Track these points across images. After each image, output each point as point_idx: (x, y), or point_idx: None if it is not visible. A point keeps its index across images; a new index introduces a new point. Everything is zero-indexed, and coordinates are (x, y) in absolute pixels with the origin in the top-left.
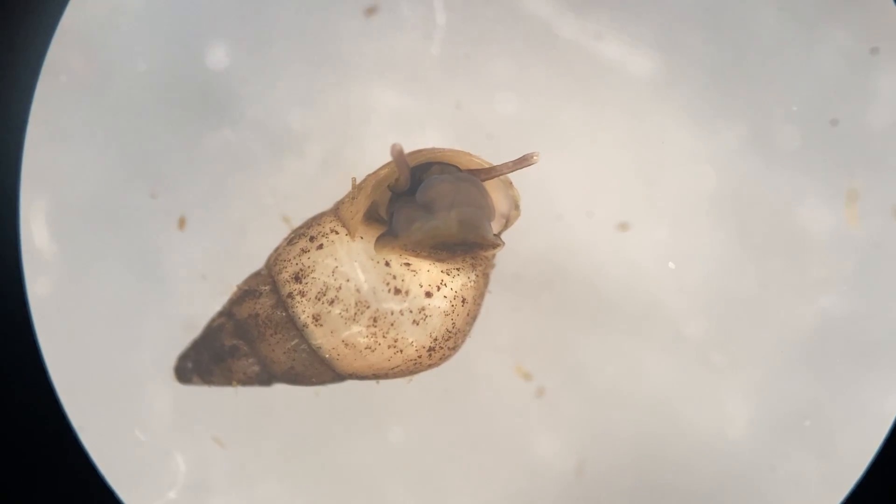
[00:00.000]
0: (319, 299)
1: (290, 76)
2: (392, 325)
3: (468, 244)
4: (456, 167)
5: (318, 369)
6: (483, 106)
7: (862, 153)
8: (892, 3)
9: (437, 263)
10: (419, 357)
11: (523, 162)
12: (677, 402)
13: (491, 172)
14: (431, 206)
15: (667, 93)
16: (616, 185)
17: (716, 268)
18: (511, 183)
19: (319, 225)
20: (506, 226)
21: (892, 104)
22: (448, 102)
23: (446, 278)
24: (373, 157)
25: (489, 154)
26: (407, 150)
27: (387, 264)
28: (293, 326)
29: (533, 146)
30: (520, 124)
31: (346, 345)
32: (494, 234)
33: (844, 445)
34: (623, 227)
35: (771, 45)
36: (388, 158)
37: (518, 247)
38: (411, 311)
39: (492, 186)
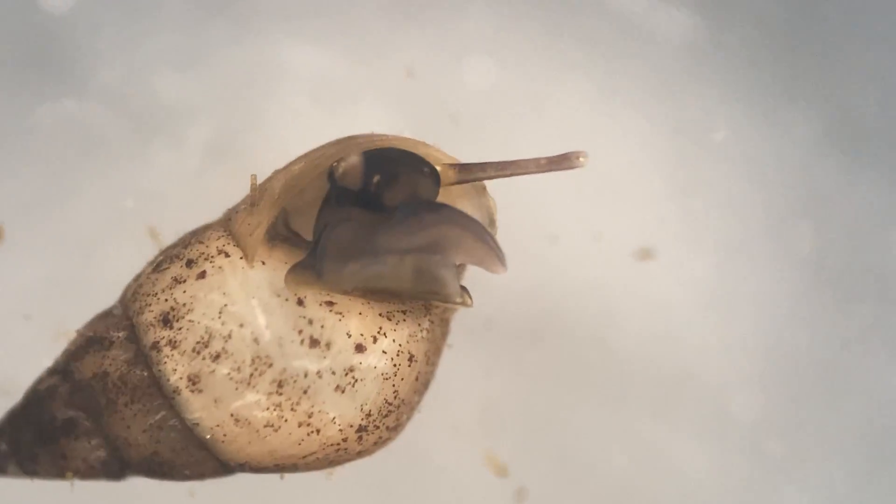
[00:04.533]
0: (199, 353)
1: (163, 24)
2: (305, 392)
3: (423, 294)
4: (430, 178)
5: (193, 456)
6: (446, 74)
7: None
8: None
9: (373, 303)
10: (344, 440)
11: (563, 162)
12: None
13: (506, 169)
14: (390, 235)
15: (710, 64)
16: (636, 196)
17: (775, 318)
18: (485, 189)
19: (202, 243)
20: None
21: None
22: (395, 67)
23: (387, 326)
24: (282, 144)
25: (452, 144)
26: (335, 134)
27: (300, 303)
28: (159, 392)
29: (516, 133)
30: (498, 103)
31: (238, 421)
32: (462, 287)
33: None
34: (644, 254)
35: None
36: (305, 146)
37: (492, 281)
38: (334, 373)
39: (459, 193)
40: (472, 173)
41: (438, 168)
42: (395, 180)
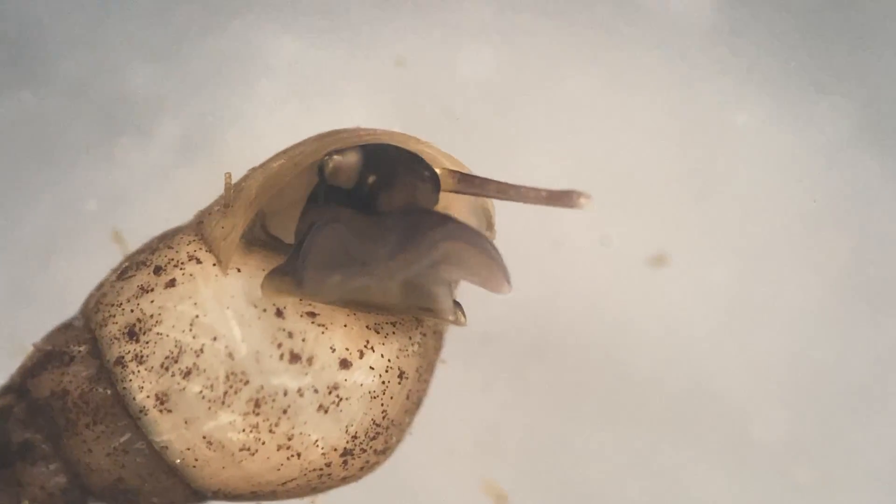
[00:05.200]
0: (167, 369)
1: (131, 10)
2: (285, 412)
3: (412, 310)
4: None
5: (162, 482)
6: (439, 64)
7: None
8: None
9: (359, 314)
10: (328, 465)
11: (563, 199)
12: None
13: (506, 192)
14: (384, 247)
15: (731, 51)
16: (648, 196)
17: (802, 331)
18: None
19: (171, 248)
20: None
21: None
22: (384, 56)
23: (374, 339)
24: (260, 140)
25: (445, 140)
26: (318, 129)
27: (279, 314)
28: (123, 412)
29: (516, 129)
30: (496, 95)
31: (211, 443)
32: (455, 303)
33: None
34: (658, 261)
35: None
36: (285, 142)
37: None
38: (317, 391)
39: (455, 196)
40: (472, 186)
41: (438, 171)
42: (392, 184)
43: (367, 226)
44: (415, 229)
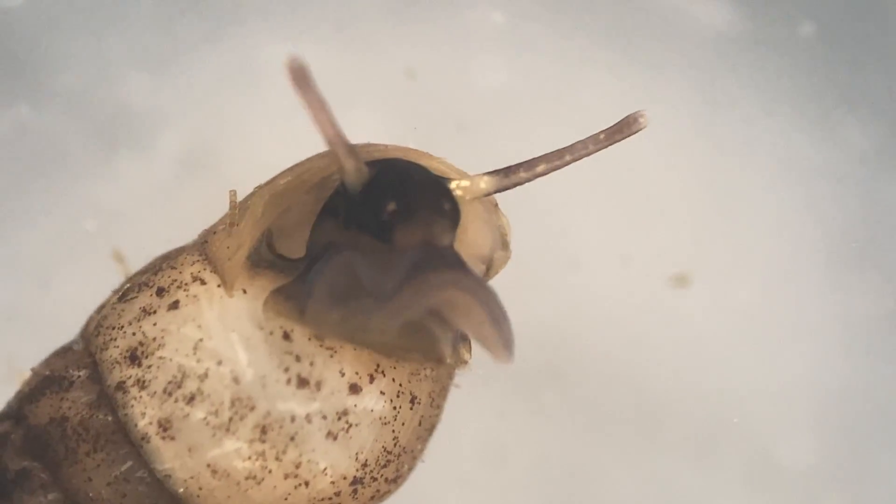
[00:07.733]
0: (170, 394)
1: (130, 20)
2: (293, 439)
3: (408, 353)
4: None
5: None
6: (451, 75)
7: None
8: None
9: None
10: (337, 494)
11: (623, 130)
12: None
13: (560, 159)
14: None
15: (754, 63)
16: (669, 213)
17: (830, 353)
18: (496, 206)
19: (174, 269)
20: (485, 277)
21: None
22: (394, 67)
23: (385, 363)
24: (265, 156)
25: (458, 154)
26: (325, 145)
27: (286, 337)
28: (125, 440)
29: (530, 141)
30: (510, 106)
31: (215, 472)
32: (461, 338)
33: None
34: (679, 281)
35: None
36: (291, 158)
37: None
38: (325, 417)
39: (468, 213)
40: (515, 178)
41: (467, 183)
42: (412, 217)
43: (382, 258)
44: (421, 267)
